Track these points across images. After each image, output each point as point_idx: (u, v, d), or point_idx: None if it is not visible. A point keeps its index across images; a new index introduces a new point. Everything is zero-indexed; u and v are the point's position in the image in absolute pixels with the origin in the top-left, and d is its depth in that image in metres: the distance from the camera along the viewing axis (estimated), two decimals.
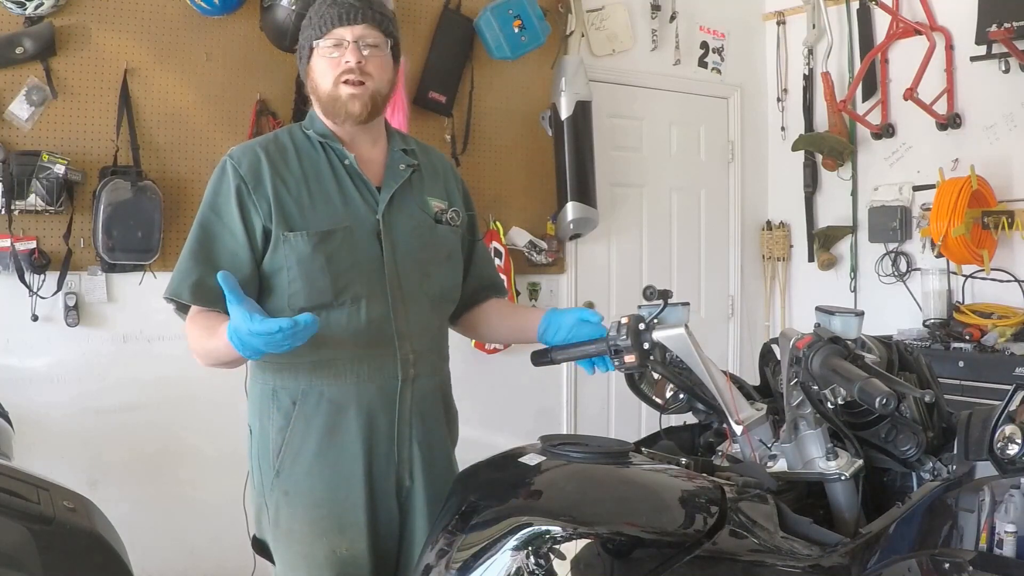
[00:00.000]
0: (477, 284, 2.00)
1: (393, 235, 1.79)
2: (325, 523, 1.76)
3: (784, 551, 1.42)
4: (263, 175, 1.75)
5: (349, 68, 1.75)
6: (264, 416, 1.81)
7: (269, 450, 1.79)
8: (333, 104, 1.78)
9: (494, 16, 3.91)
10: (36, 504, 1.57)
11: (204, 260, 1.72)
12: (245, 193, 1.74)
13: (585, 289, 4.50)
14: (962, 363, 3.71)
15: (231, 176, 1.75)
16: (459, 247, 1.94)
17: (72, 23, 3.26)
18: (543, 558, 1.34)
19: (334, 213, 1.76)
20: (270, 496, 1.80)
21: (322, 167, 1.80)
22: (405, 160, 1.88)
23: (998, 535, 1.59)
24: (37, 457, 2.84)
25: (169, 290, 1.75)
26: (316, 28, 1.78)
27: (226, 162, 1.79)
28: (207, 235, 1.74)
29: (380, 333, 1.76)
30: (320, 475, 1.76)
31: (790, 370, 1.61)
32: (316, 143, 1.82)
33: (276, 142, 1.83)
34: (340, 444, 1.76)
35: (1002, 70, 3.98)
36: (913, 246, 4.42)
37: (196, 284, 1.71)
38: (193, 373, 3.51)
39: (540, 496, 1.50)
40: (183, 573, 3.45)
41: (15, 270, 3.13)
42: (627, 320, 1.71)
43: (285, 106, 3.62)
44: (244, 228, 1.73)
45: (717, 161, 4.97)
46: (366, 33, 1.77)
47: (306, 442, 1.76)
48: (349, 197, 1.79)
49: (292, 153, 1.81)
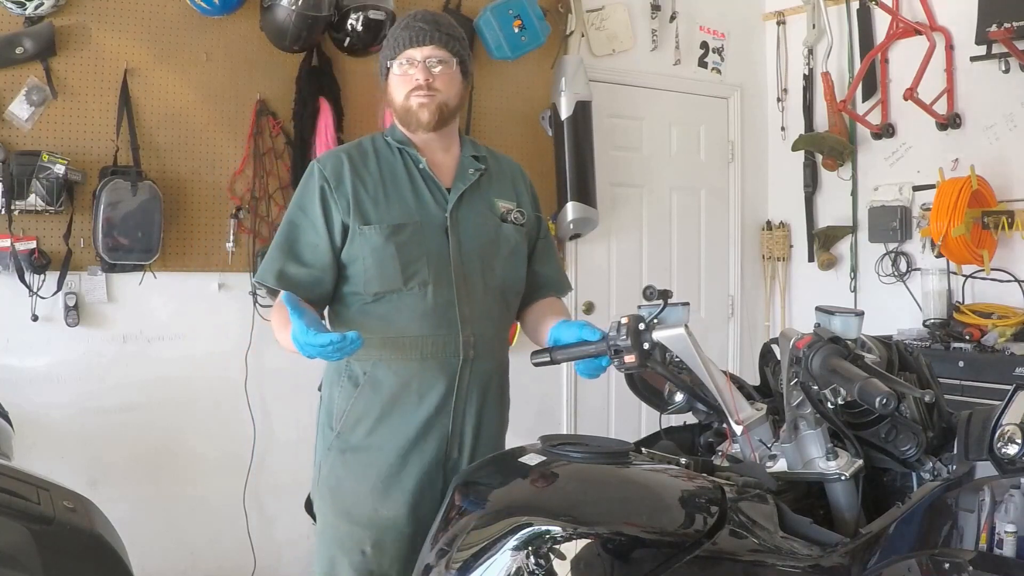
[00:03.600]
0: (536, 282, 2.14)
1: (459, 231, 1.98)
2: (372, 482, 1.93)
3: (784, 551, 1.42)
4: (344, 176, 1.96)
5: (418, 84, 1.96)
6: (335, 384, 2.00)
7: (333, 414, 1.99)
8: (406, 114, 1.99)
9: (494, 16, 3.91)
10: (36, 504, 1.57)
11: (288, 251, 1.95)
12: (328, 192, 1.95)
13: (585, 289, 4.50)
14: (962, 363, 3.71)
15: (317, 177, 1.97)
16: (523, 244, 2.09)
17: (72, 23, 3.26)
18: (543, 558, 1.34)
19: (406, 210, 1.96)
20: (326, 456, 1.99)
21: (398, 170, 2.00)
22: (474, 165, 2.07)
23: (998, 535, 1.59)
24: (37, 457, 2.85)
25: (258, 275, 1.99)
26: (391, 49, 1.99)
27: (314, 166, 2.00)
28: (293, 228, 1.97)
29: (444, 316, 1.94)
30: (377, 437, 1.94)
31: (790, 370, 1.62)
32: (394, 149, 2.03)
33: (359, 147, 2.05)
34: (400, 413, 1.93)
35: (1002, 70, 3.98)
36: (913, 246, 4.42)
37: (280, 272, 1.93)
38: (193, 373, 3.55)
39: (540, 496, 1.50)
40: (183, 573, 3.45)
41: (15, 270, 3.13)
42: (627, 320, 1.71)
43: (285, 106, 3.62)
44: (325, 223, 1.94)
45: (717, 161, 4.97)
46: (433, 53, 1.96)
47: (369, 409, 1.95)
48: (421, 196, 1.98)
49: (372, 157, 2.01)
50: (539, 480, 1.51)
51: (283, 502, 3.55)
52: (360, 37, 3.52)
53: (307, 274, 1.94)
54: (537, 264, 2.15)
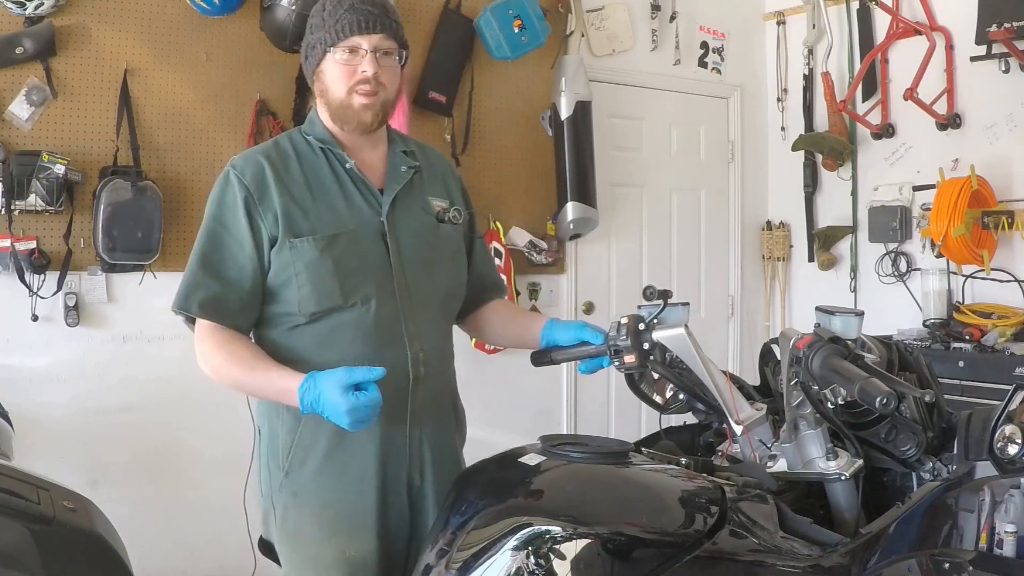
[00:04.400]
0: (479, 285, 2.01)
1: (398, 236, 1.80)
2: (335, 524, 1.76)
3: (784, 551, 1.42)
4: (267, 184, 1.75)
5: (365, 78, 1.75)
6: (274, 417, 1.80)
7: (278, 450, 1.79)
8: (344, 112, 1.78)
9: (494, 16, 3.91)
10: (36, 504, 1.57)
11: (211, 273, 1.73)
12: (252, 204, 1.74)
13: (585, 289, 4.50)
14: (962, 363, 3.71)
15: (236, 187, 1.75)
16: (462, 246, 1.95)
17: (72, 23, 3.26)
18: (543, 558, 1.34)
19: (338, 217, 1.76)
20: (278, 497, 1.80)
21: (323, 172, 1.80)
22: (406, 162, 1.88)
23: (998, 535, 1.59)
24: (37, 457, 2.84)
25: (177, 303, 1.75)
26: (332, 32, 1.75)
27: (229, 172, 1.78)
28: (214, 246, 1.74)
29: (390, 333, 1.77)
30: (330, 475, 1.76)
31: (790, 370, 1.62)
32: (316, 148, 1.82)
33: (277, 149, 1.83)
34: (352, 444, 1.75)
35: (1002, 70, 3.98)
36: (913, 246, 4.42)
37: (204, 298, 1.72)
38: (193, 373, 3.49)
39: (540, 496, 1.50)
40: (183, 573, 3.45)
41: (15, 270, 3.13)
42: (627, 320, 1.70)
43: (285, 106, 3.62)
44: (252, 239, 1.73)
45: (717, 161, 4.97)
46: (381, 43, 1.76)
47: (316, 442, 1.76)
48: (352, 201, 1.79)
49: (294, 159, 1.80)
50: (539, 480, 1.51)
51: None
52: None
53: (236, 299, 1.72)
54: (479, 265, 1.99)
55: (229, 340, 1.73)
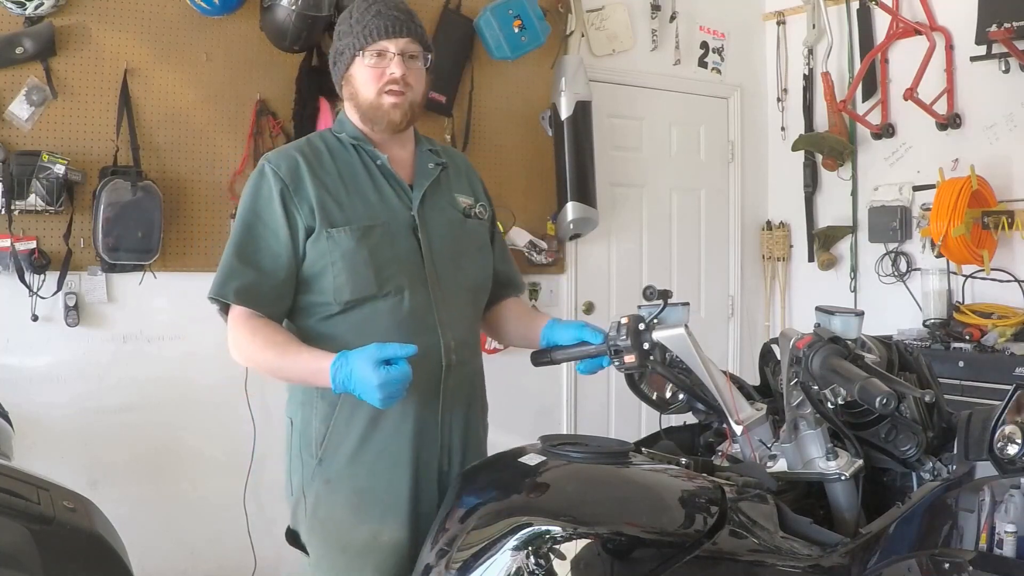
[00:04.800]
0: (495, 281, 2.05)
1: (428, 230, 1.87)
2: (368, 509, 1.80)
3: (784, 551, 1.42)
4: (303, 177, 1.81)
5: (393, 79, 1.82)
6: (307, 406, 1.85)
7: (311, 439, 1.83)
8: (375, 112, 1.84)
9: (494, 16, 3.91)
10: (36, 504, 1.57)
11: (247, 262, 1.78)
12: (288, 196, 1.79)
13: (585, 289, 4.50)
14: (962, 363, 3.71)
15: (272, 179, 1.80)
16: (488, 240, 2.02)
17: (72, 23, 3.26)
18: (543, 558, 1.34)
19: (372, 209, 1.83)
20: (309, 486, 1.84)
21: (356, 167, 1.87)
22: (433, 159, 1.96)
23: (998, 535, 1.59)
24: (37, 457, 2.84)
25: (213, 290, 1.79)
26: (360, 37, 1.82)
27: (265, 166, 1.83)
28: (250, 236, 1.79)
29: (423, 322, 1.82)
30: (364, 462, 1.81)
31: (790, 370, 1.62)
32: (348, 145, 1.89)
33: (310, 145, 1.89)
34: (386, 430, 1.80)
35: (1002, 70, 3.98)
36: (913, 246, 4.42)
37: (240, 286, 1.77)
38: (193, 373, 3.54)
39: (540, 496, 1.50)
40: (183, 573, 3.45)
41: (15, 270, 3.13)
42: (627, 320, 1.71)
43: (285, 106, 3.62)
44: (288, 229, 1.78)
45: (717, 161, 4.97)
46: (408, 47, 1.83)
47: (351, 429, 1.81)
48: (384, 195, 1.86)
49: (326, 155, 1.87)
50: (539, 480, 1.51)
51: (283, 502, 3.54)
52: None
53: (270, 287, 1.78)
54: (497, 262, 2.05)
55: (263, 327, 1.77)
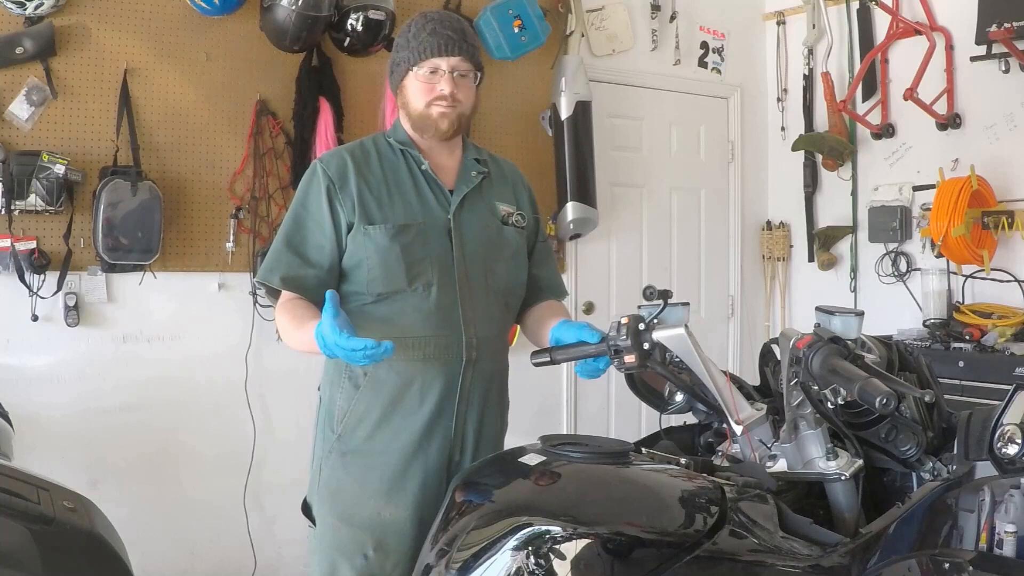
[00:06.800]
0: (534, 286, 2.14)
1: (462, 233, 1.98)
2: (375, 485, 1.92)
3: (784, 551, 1.42)
4: (348, 175, 1.95)
5: (442, 95, 1.94)
6: (335, 385, 1.98)
7: (333, 415, 1.97)
8: (424, 121, 1.97)
9: (494, 16, 3.91)
10: (36, 504, 1.57)
11: (293, 251, 1.93)
12: (333, 192, 1.94)
13: (585, 289, 4.50)
14: (962, 363, 3.71)
15: (321, 177, 1.95)
16: (524, 247, 2.11)
17: (72, 23, 3.26)
18: (543, 558, 1.34)
19: (410, 210, 1.96)
20: (327, 459, 1.97)
21: (401, 170, 2.00)
22: (476, 168, 2.07)
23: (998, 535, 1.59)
24: (37, 457, 2.85)
25: (261, 275, 1.96)
26: (415, 53, 1.95)
27: (317, 165, 1.99)
28: (298, 228, 1.95)
29: (448, 317, 1.94)
30: (379, 440, 1.93)
31: (790, 370, 1.62)
32: (396, 150, 2.02)
33: (361, 147, 2.03)
34: (401, 415, 1.93)
35: (1002, 70, 3.98)
36: (913, 246, 4.42)
37: (286, 273, 1.92)
38: (193, 373, 3.54)
39: (540, 496, 1.50)
40: (183, 573, 3.45)
41: (15, 270, 3.13)
42: (627, 320, 1.71)
43: (285, 106, 3.62)
44: (332, 223, 1.93)
45: (717, 161, 4.97)
46: (459, 65, 1.95)
47: (371, 409, 1.94)
48: (424, 198, 1.98)
49: (375, 157, 2.01)
50: (539, 480, 1.51)
51: (283, 502, 3.54)
52: (360, 37, 3.52)
53: (313, 276, 1.92)
54: (536, 268, 2.15)
55: (300, 307, 1.90)
